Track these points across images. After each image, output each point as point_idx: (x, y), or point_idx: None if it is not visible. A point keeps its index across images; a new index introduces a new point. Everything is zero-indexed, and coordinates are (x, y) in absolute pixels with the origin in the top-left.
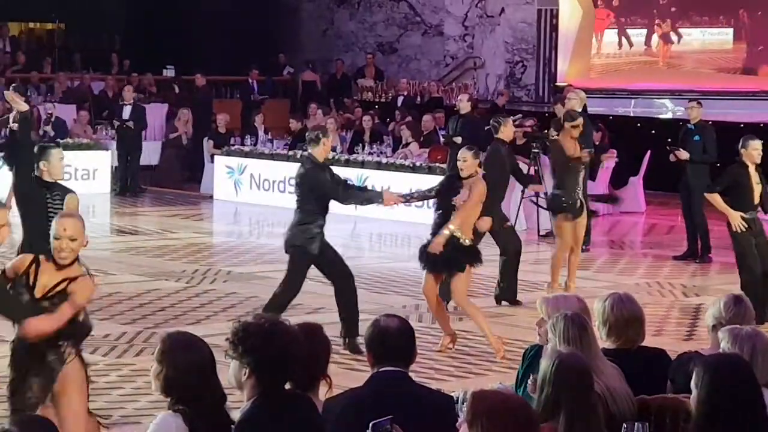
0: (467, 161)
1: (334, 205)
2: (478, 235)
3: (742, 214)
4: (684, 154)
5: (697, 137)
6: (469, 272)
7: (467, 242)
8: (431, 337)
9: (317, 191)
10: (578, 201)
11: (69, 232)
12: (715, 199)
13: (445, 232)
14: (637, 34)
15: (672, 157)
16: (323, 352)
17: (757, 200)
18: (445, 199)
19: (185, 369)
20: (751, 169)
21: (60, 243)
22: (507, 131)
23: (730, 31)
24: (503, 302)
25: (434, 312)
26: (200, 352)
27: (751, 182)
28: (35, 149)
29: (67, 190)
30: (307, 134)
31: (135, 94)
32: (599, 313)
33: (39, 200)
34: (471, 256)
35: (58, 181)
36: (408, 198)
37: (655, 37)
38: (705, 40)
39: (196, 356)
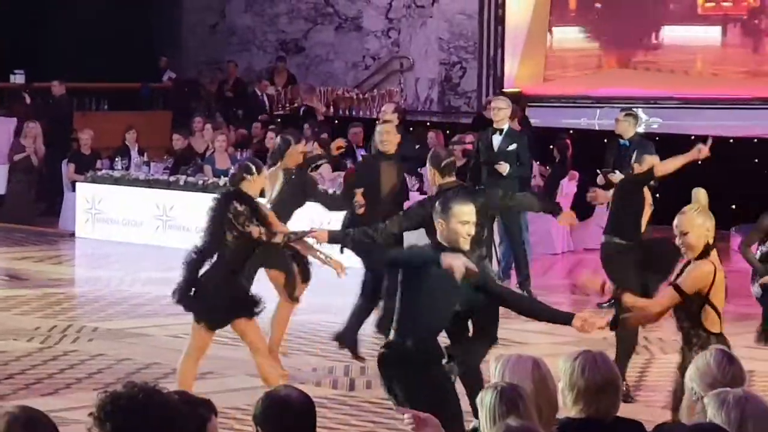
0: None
1: None
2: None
3: None
4: (618, 178)
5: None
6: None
7: None
8: (348, 407)
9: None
10: None
11: None
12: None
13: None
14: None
15: (600, 180)
16: None
17: None
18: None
19: None
20: None
21: None
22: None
23: (718, 29)
24: None
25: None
26: None
27: None
28: None
29: None
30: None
31: None
32: (566, 375)
33: None
34: None
35: None
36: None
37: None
38: (689, 37)
39: None
